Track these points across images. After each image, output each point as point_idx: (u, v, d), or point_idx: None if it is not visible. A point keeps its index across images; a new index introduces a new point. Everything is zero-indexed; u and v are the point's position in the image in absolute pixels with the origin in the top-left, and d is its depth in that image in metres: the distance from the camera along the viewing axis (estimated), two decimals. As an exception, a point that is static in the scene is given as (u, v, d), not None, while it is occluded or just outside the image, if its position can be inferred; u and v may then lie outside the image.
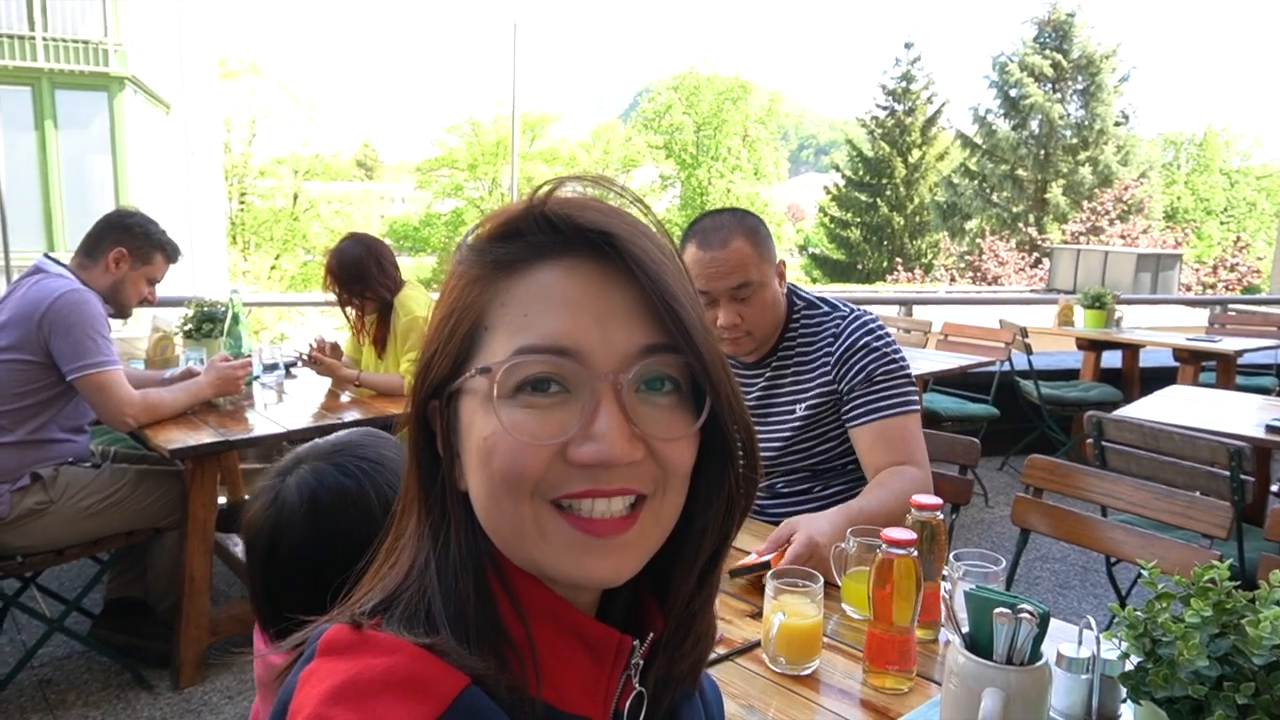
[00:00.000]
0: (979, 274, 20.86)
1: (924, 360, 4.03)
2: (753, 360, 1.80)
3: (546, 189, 0.57)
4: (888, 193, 26.86)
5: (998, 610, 0.87)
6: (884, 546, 1.10)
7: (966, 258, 22.69)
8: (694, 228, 1.73)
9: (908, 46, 27.91)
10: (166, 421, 2.50)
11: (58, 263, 2.43)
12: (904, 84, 27.11)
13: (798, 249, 31.86)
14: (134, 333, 4.17)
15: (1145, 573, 0.91)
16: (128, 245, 2.46)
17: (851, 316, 1.76)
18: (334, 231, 23.73)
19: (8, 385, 2.27)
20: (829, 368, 1.73)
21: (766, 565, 1.38)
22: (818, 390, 1.74)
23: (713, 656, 1.18)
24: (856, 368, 1.71)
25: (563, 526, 0.53)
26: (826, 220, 28.63)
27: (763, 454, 1.74)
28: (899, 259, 24.96)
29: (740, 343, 1.74)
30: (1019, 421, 4.84)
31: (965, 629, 0.95)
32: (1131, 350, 5.29)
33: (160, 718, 2.43)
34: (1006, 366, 4.61)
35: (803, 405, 1.76)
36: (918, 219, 26.80)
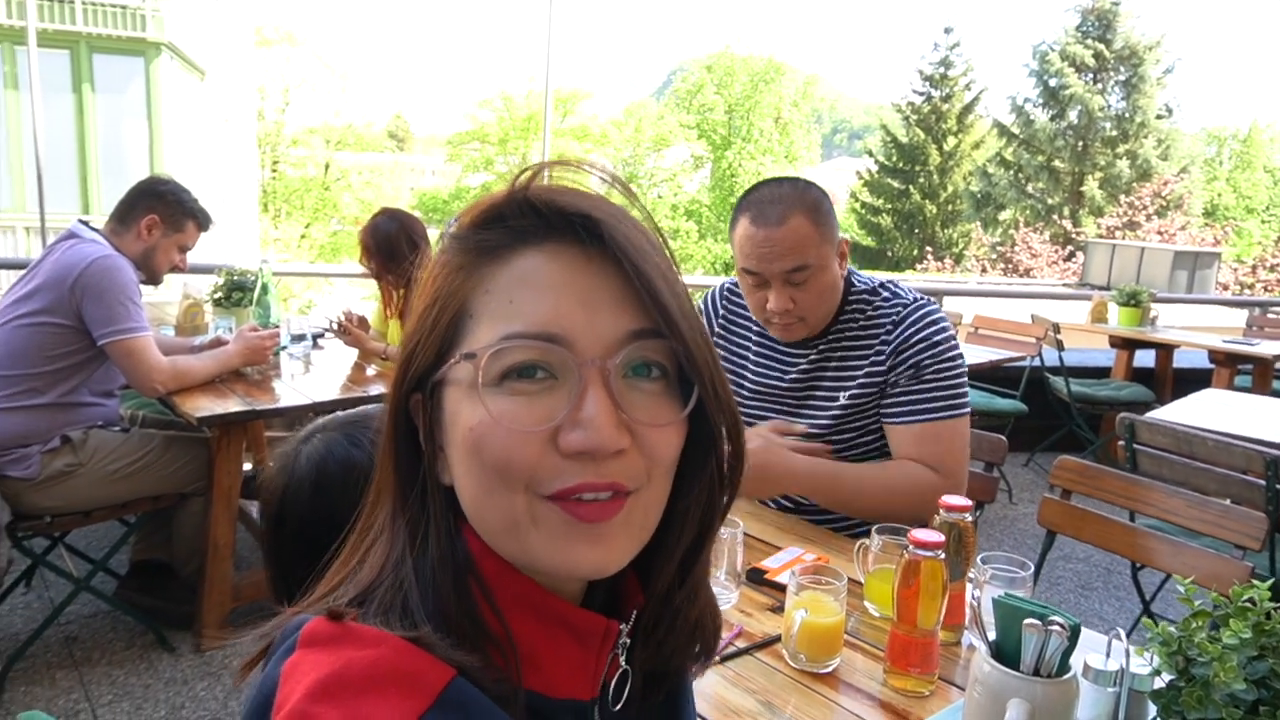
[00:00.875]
0: (1010, 266, 20.57)
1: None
2: (798, 339, 1.66)
3: (529, 174, 0.56)
4: (920, 180, 26.51)
5: (1028, 621, 0.85)
6: (910, 548, 1.08)
7: (998, 249, 22.38)
8: (748, 199, 1.57)
9: (947, 31, 27.56)
10: (194, 389, 2.52)
11: (91, 228, 2.45)
12: (942, 70, 26.68)
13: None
14: (166, 298, 4.21)
15: (1182, 588, 0.89)
16: (160, 213, 2.48)
17: (915, 305, 1.61)
18: (364, 202, 23.85)
19: (40, 348, 2.30)
20: (883, 356, 1.60)
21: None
22: (864, 378, 1.61)
23: (731, 650, 1.17)
24: (909, 360, 1.58)
25: (554, 512, 0.52)
26: (857, 206, 28.32)
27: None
28: (929, 247, 24.68)
29: (792, 329, 1.61)
30: (1047, 418, 4.78)
31: (992, 636, 0.93)
32: (1166, 350, 5.20)
33: (181, 679, 2.47)
34: (1036, 362, 4.54)
35: (845, 394, 1.63)
36: (950, 208, 26.44)
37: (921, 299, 1.63)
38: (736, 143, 28.21)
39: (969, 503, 1.21)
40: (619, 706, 0.60)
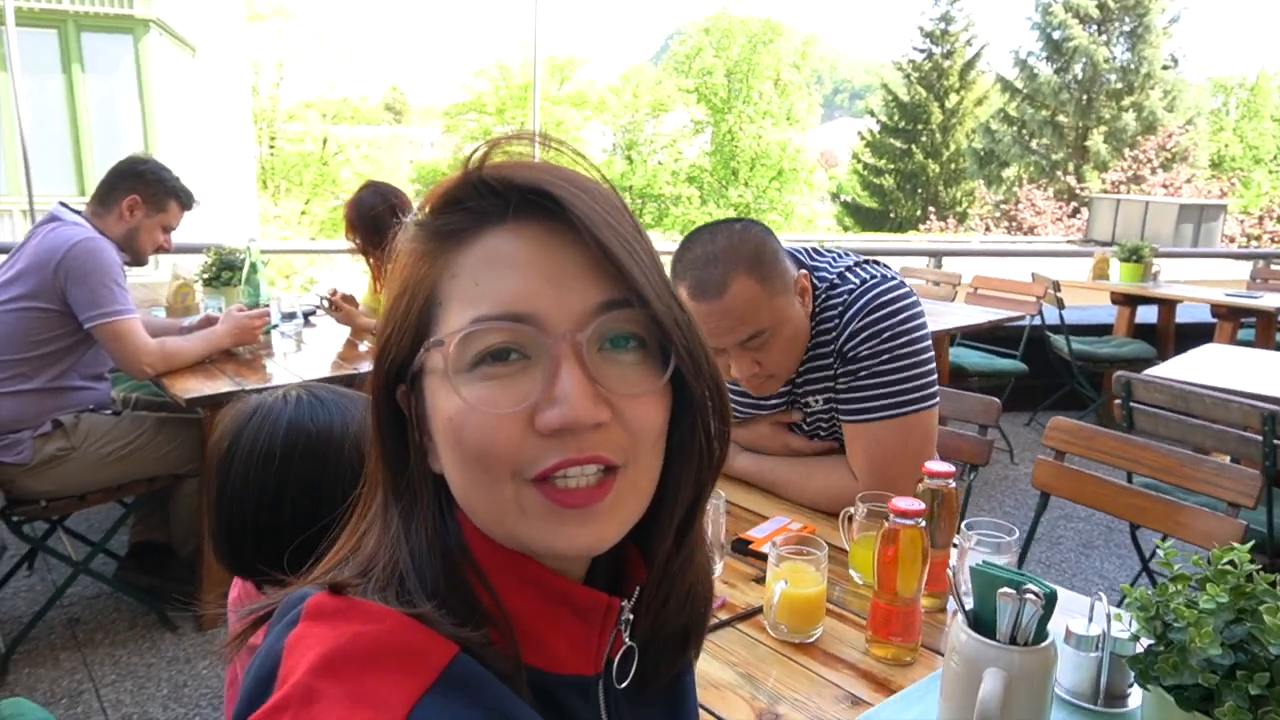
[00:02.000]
0: (1015, 223, 20.39)
1: (951, 314, 3.96)
2: (774, 391, 1.54)
3: (481, 152, 0.55)
4: (923, 139, 26.20)
5: (1002, 590, 0.83)
6: (890, 516, 1.07)
7: (1002, 206, 22.18)
8: (682, 260, 1.38)
9: (948, -14, 27.02)
10: (184, 370, 2.51)
11: (73, 210, 2.42)
12: (942, 25, 26.24)
13: (830, 196, 31.30)
14: (160, 279, 4.19)
15: (1161, 551, 0.87)
16: (141, 193, 2.45)
17: (861, 291, 1.45)
18: (362, 176, 23.69)
19: (27, 333, 2.28)
20: (832, 358, 1.48)
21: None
22: (826, 382, 1.51)
23: (714, 622, 1.16)
24: (848, 356, 1.45)
25: (539, 500, 0.51)
26: (860, 167, 28.04)
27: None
28: (932, 207, 24.45)
29: (764, 386, 1.48)
30: (1049, 377, 4.75)
31: (970, 605, 0.92)
32: (1168, 306, 5.16)
33: (184, 657, 2.49)
34: (1037, 321, 4.51)
35: (820, 398, 1.54)
36: (953, 166, 26.16)
37: (871, 280, 1.47)
38: (736, 106, 27.87)
39: (951, 468, 1.19)
40: (625, 682, 0.60)
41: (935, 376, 1.47)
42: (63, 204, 2.44)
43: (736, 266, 1.34)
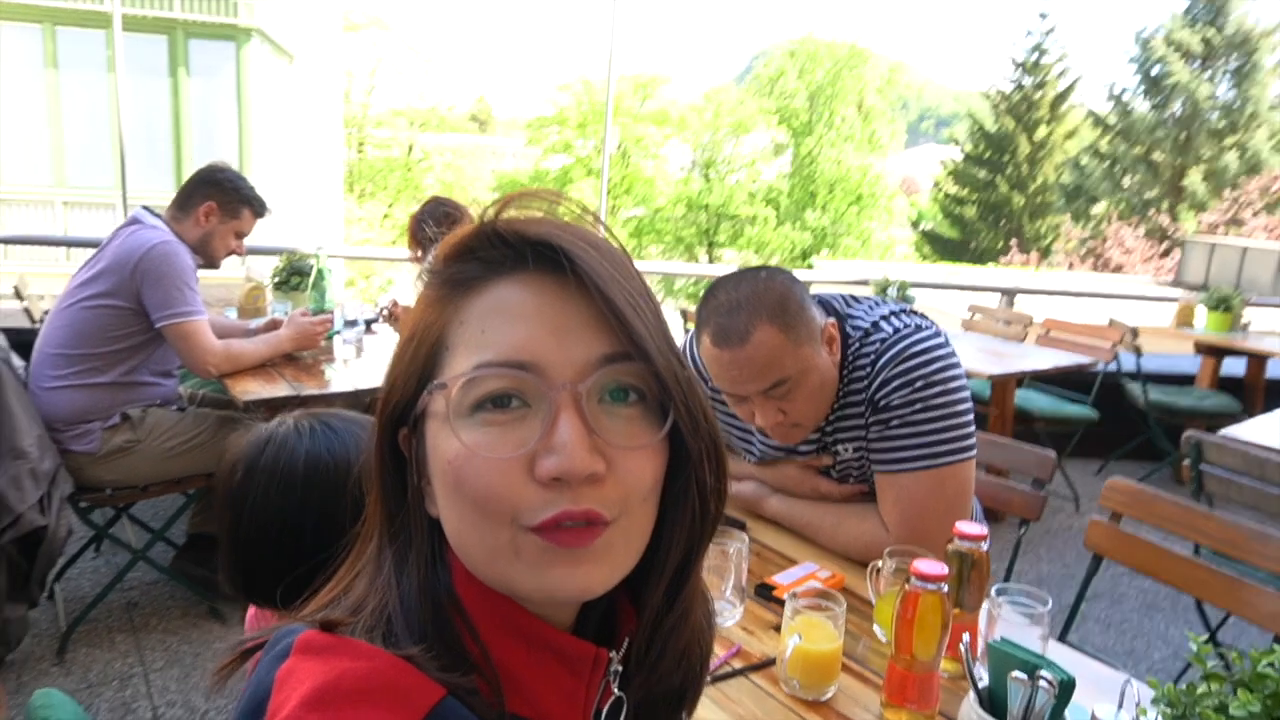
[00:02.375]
0: (1101, 261, 19.73)
1: (1020, 356, 3.83)
2: (800, 440, 1.52)
3: (496, 206, 0.57)
4: (1009, 170, 25.54)
5: (1013, 674, 0.79)
6: (911, 580, 1.03)
7: (1088, 243, 21.47)
8: (706, 308, 1.37)
9: (1042, 17, 26.41)
10: (247, 372, 2.59)
11: (153, 214, 2.53)
12: (1035, 56, 25.60)
13: (910, 223, 30.74)
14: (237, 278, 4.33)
15: (1194, 646, 0.82)
16: (218, 200, 2.55)
17: (893, 340, 1.41)
18: (446, 184, 24.29)
19: (103, 329, 2.39)
20: (863, 407, 1.44)
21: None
22: (859, 431, 1.48)
23: (726, 670, 1.14)
24: (879, 405, 1.41)
25: (534, 541, 0.52)
26: (941, 196, 27.49)
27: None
28: (1015, 240, 23.82)
29: (790, 435, 1.47)
30: (1123, 426, 4.56)
31: (985, 681, 0.88)
32: (1258, 359, 4.89)
33: (229, 650, 2.56)
34: (1114, 366, 4.33)
35: (851, 446, 1.50)
36: (1039, 199, 25.41)
37: (905, 329, 1.43)
38: (818, 129, 27.67)
39: (983, 531, 1.15)
40: None
41: (972, 429, 1.42)
42: (145, 208, 2.55)
43: (760, 314, 1.32)
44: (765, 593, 1.34)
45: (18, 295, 3.43)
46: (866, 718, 1.07)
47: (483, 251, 0.55)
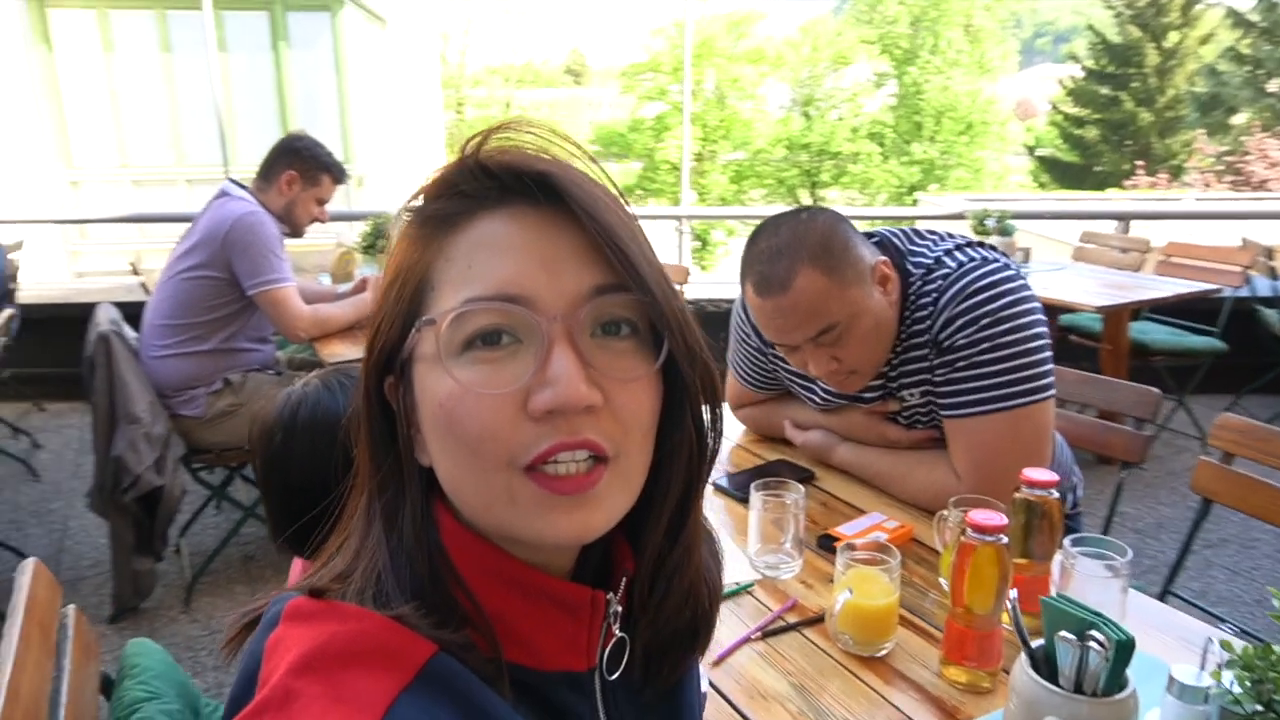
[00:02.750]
0: (1241, 178, 18.13)
1: (1135, 286, 3.57)
2: (860, 387, 1.45)
3: (477, 139, 0.54)
4: (1134, 85, 23.63)
5: (1061, 634, 0.73)
6: (967, 530, 0.97)
7: (1226, 159, 19.75)
8: (748, 256, 1.32)
9: (1174, -92, 24.08)
10: (335, 335, 2.68)
11: (240, 185, 2.63)
12: (1165, -46, 23.47)
13: (1026, 150, 29.01)
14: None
15: (1278, 603, 0.74)
16: (298, 168, 2.62)
17: (957, 275, 1.32)
18: (542, 139, 24.38)
19: (201, 300, 2.51)
20: (927, 349, 1.36)
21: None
22: (923, 374, 1.40)
23: (778, 626, 1.11)
24: (944, 346, 1.33)
25: (531, 488, 0.51)
26: (1059, 118, 25.76)
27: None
28: (1142, 161, 22.15)
29: (847, 382, 1.41)
30: (1257, 356, 4.21)
31: (1039, 642, 0.82)
32: None
33: (336, 600, 2.71)
34: (1245, 292, 3.99)
35: (917, 391, 1.42)
36: (1169, 114, 23.46)
37: (970, 263, 1.33)
38: (922, 56, 26.29)
39: (1053, 477, 1.07)
40: (616, 674, 0.59)
41: (1049, 367, 1.32)
42: (232, 180, 2.65)
43: (801, 258, 1.26)
44: (828, 544, 1.30)
45: (134, 271, 3.65)
46: (924, 675, 1.03)
47: (466, 185, 0.53)
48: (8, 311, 3.33)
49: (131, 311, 2.77)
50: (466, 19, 25.49)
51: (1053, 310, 3.40)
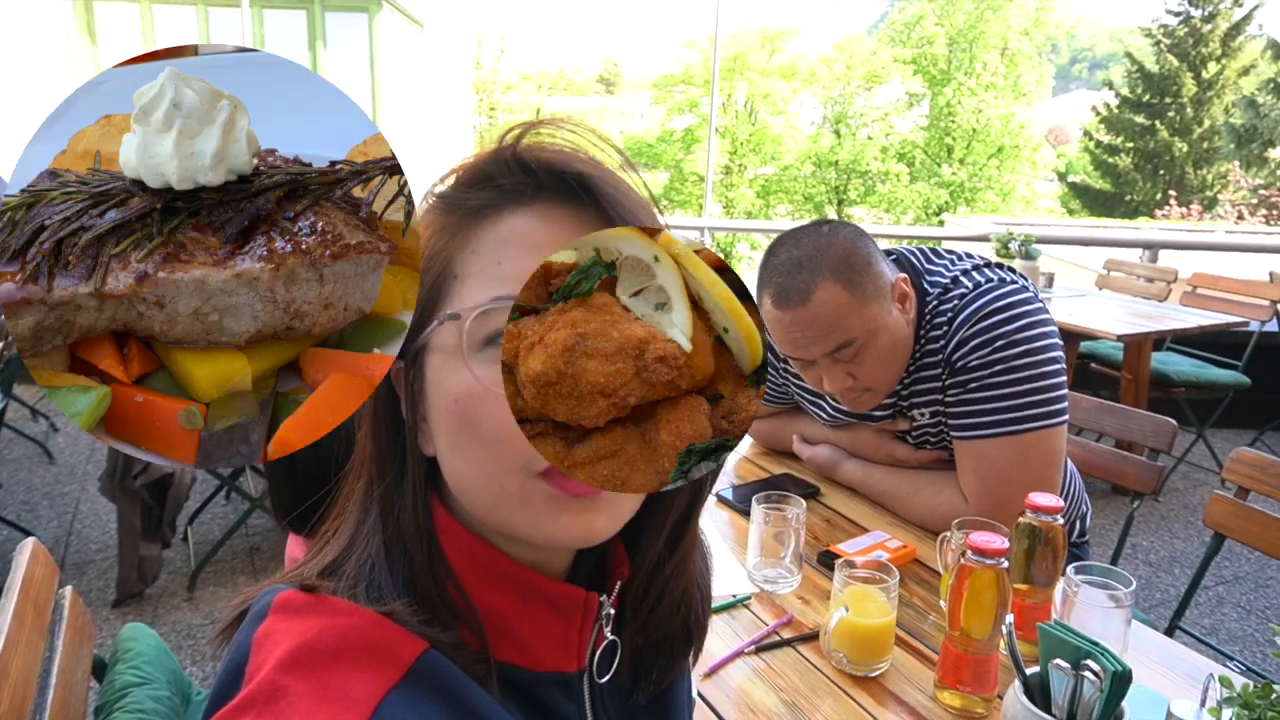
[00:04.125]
0: (1276, 211, 17.89)
1: (1157, 316, 3.52)
2: (873, 406, 1.43)
3: (516, 132, 0.54)
4: (1170, 114, 23.38)
5: (1055, 661, 0.72)
6: (966, 553, 0.95)
7: (1261, 192, 19.48)
8: (767, 267, 1.30)
9: (1216, -61, 23.88)
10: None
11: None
12: (1206, -16, 23.26)
13: (1057, 175, 28.76)
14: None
15: None
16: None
17: (972, 296, 1.31)
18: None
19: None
20: (940, 369, 1.35)
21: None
22: (934, 394, 1.39)
23: (772, 640, 1.10)
24: (956, 366, 1.31)
25: (544, 490, 0.50)
26: (1092, 145, 25.55)
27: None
28: (1174, 191, 21.88)
29: (861, 401, 1.38)
30: (1281, 393, 4.14)
31: (1034, 670, 0.80)
32: None
33: (340, 595, 2.72)
34: (1273, 326, 3.92)
35: (927, 411, 1.41)
36: (1205, 145, 23.21)
37: (987, 284, 1.32)
38: (957, 78, 26.19)
39: (1058, 503, 1.05)
40: (606, 678, 0.59)
41: (1063, 393, 1.30)
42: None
43: (822, 272, 1.24)
44: (828, 561, 1.28)
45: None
46: (918, 697, 1.01)
47: (501, 179, 0.53)
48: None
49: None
50: (504, 23, 25.70)
51: (1074, 337, 3.35)
